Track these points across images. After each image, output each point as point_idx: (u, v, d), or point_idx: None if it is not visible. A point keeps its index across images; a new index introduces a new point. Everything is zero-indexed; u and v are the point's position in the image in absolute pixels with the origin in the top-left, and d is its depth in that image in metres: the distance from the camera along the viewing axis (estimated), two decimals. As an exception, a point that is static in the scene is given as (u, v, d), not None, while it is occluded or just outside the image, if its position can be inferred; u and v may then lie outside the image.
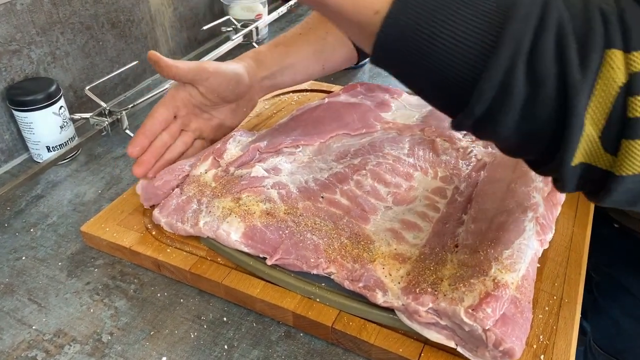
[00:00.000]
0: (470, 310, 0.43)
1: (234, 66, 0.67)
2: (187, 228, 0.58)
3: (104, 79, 0.87)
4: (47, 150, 0.78)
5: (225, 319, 0.55)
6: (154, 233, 0.61)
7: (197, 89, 0.65)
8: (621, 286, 0.76)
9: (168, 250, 0.59)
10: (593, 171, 0.34)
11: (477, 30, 0.33)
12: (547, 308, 0.51)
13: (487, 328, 0.43)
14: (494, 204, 0.55)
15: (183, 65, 0.63)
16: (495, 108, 0.34)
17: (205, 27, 1.06)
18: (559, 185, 0.38)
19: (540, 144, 0.35)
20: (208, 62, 0.66)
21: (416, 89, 0.38)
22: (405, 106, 0.77)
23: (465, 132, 0.67)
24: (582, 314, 0.52)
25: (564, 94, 0.32)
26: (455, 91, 0.35)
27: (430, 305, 0.46)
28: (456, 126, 0.37)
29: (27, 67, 0.79)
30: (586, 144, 0.33)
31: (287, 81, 0.73)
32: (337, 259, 0.52)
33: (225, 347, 0.52)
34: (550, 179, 0.58)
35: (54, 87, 0.75)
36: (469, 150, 0.66)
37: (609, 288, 0.79)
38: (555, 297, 0.52)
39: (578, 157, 0.34)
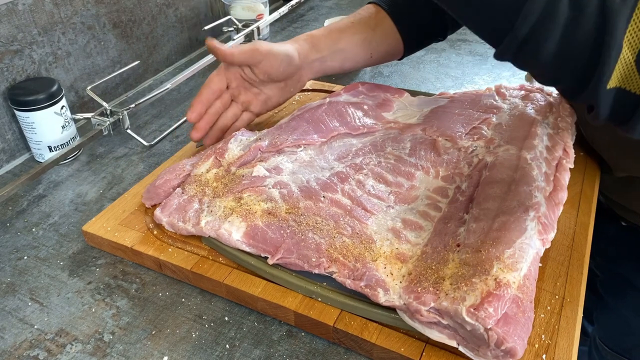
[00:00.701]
0: (472, 310, 0.43)
1: (287, 47, 0.71)
2: (188, 227, 0.58)
3: (105, 79, 0.87)
4: (48, 150, 0.78)
5: (226, 318, 0.55)
6: (155, 232, 0.61)
7: (251, 68, 0.70)
8: (629, 284, 0.76)
9: (169, 249, 0.59)
10: (627, 96, 0.37)
11: None
12: (549, 307, 0.51)
13: (489, 327, 0.43)
14: (495, 203, 0.55)
15: (238, 51, 0.69)
16: (539, 30, 0.37)
17: (206, 27, 1.06)
18: (594, 113, 0.40)
19: (578, 68, 0.38)
20: (261, 43, 0.70)
21: (464, 15, 0.42)
22: (407, 106, 0.77)
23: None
24: (585, 314, 0.52)
25: (604, 17, 0.35)
26: (502, 15, 0.38)
27: (432, 304, 0.46)
28: (499, 54, 0.40)
29: (28, 67, 0.79)
30: (622, 67, 0.36)
31: (335, 66, 0.77)
32: (339, 258, 0.52)
33: (227, 346, 0.52)
34: (552, 178, 0.59)
35: (55, 87, 0.75)
36: (471, 149, 0.66)
37: (616, 286, 0.79)
38: (557, 297, 0.52)
39: (613, 81, 0.36)
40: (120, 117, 0.81)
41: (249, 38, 1.08)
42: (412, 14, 0.77)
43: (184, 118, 0.88)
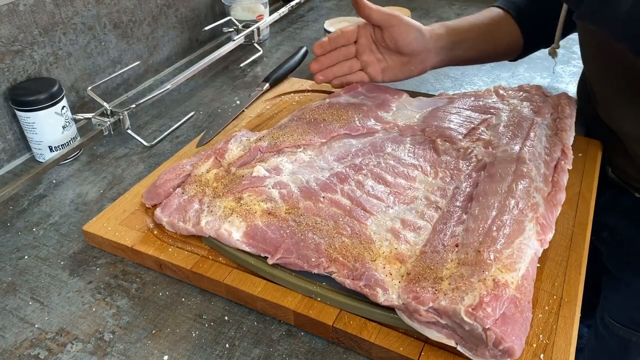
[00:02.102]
0: (470, 310, 0.44)
1: (420, 25, 0.76)
2: (188, 227, 0.59)
3: (106, 79, 0.87)
4: (49, 150, 0.78)
5: (226, 317, 0.55)
6: (155, 232, 0.61)
7: (382, 30, 0.75)
8: None
9: (170, 249, 0.59)
10: None
11: None
12: (547, 307, 0.51)
13: (487, 327, 0.43)
14: (494, 203, 0.55)
15: (377, 9, 0.74)
16: None
17: (206, 28, 1.06)
18: None
19: None
20: (399, 12, 0.75)
21: None
22: (406, 107, 0.77)
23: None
24: (591, 293, 0.52)
25: None
26: None
27: (431, 304, 0.46)
28: (579, 15, 0.44)
29: (29, 68, 0.79)
30: None
31: (461, 55, 0.80)
32: (338, 258, 0.53)
33: (227, 345, 0.52)
34: (550, 179, 0.59)
35: (56, 88, 0.76)
36: (470, 150, 0.66)
37: (627, 259, 0.79)
38: (555, 297, 0.52)
39: None
40: (121, 117, 0.81)
41: (249, 39, 1.09)
42: (534, 18, 0.81)
43: (184, 118, 0.88)
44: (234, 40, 1.04)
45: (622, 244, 0.79)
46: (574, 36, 0.78)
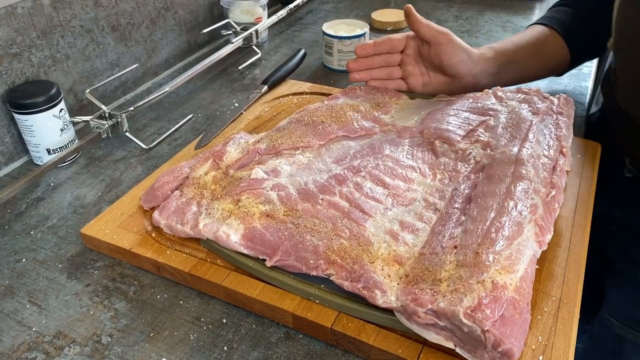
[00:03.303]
0: (469, 312, 0.44)
1: (469, 48, 0.75)
2: (186, 230, 0.59)
3: (104, 82, 0.87)
4: (47, 153, 0.78)
5: (224, 320, 0.55)
6: (153, 235, 0.61)
7: (429, 46, 0.75)
8: None
9: (168, 252, 0.59)
10: None
11: None
12: (545, 309, 0.51)
13: (485, 329, 0.43)
14: (492, 205, 0.55)
15: (427, 24, 0.74)
16: None
17: (205, 31, 1.07)
18: None
19: None
20: (448, 31, 0.75)
21: None
22: (405, 108, 0.77)
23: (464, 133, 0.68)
24: (593, 293, 0.52)
25: None
26: None
27: (429, 306, 0.46)
28: None
29: (27, 70, 0.79)
30: None
31: (507, 79, 0.79)
32: (337, 260, 0.52)
33: (225, 348, 0.52)
34: (549, 182, 0.59)
35: (54, 90, 0.76)
36: (468, 152, 0.66)
37: (636, 256, 0.79)
38: (554, 298, 0.52)
39: None
40: (119, 120, 0.81)
41: (247, 41, 1.09)
42: (580, 34, 0.80)
43: (183, 121, 0.88)
44: (232, 43, 1.04)
45: (631, 236, 0.79)
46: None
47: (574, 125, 0.71)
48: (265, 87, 0.92)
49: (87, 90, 0.81)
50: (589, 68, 0.99)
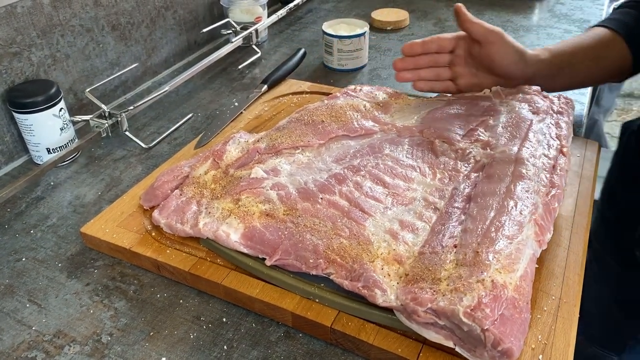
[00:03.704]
0: (469, 311, 0.44)
1: (523, 48, 0.71)
2: (186, 229, 0.59)
3: (104, 82, 0.87)
4: (47, 152, 0.78)
5: (224, 319, 0.55)
6: (153, 234, 0.61)
7: (480, 45, 0.71)
8: None
9: (168, 251, 0.59)
10: None
11: None
12: (545, 308, 0.51)
13: (485, 328, 0.43)
14: (492, 204, 0.55)
15: (478, 22, 0.71)
16: None
17: (204, 30, 1.06)
18: None
19: None
20: (500, 30, 0.71)
21: None
22: (404, 108, 0.77)
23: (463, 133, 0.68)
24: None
25: None
26: None
27: (429, 305, 0.46)
28: None
29: (27, 70, 0.79)
30: None
31: (564, 83, 0.75)
32: (336, 259, 0.52)
33: (225, 347, 0.52)
34: (548, 182, 0.59)
35: (54, 90, 0.76)
36: (468, 151, 0.66)
37: None
38: (553, 298, 0.52)
39: None
40: (119, 119, 0.81)
41: (247, 41, 1.09)
42: None
43: (183, 120, 0.88)
44: (232, 42, 1.04)
45: None
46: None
47: (573, 124, 0.71)
48: (265, 86, 0.92)
49: (87, 90, 0.81)
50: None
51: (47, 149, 0.78)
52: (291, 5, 1.24)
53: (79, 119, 0.81)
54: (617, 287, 0.90)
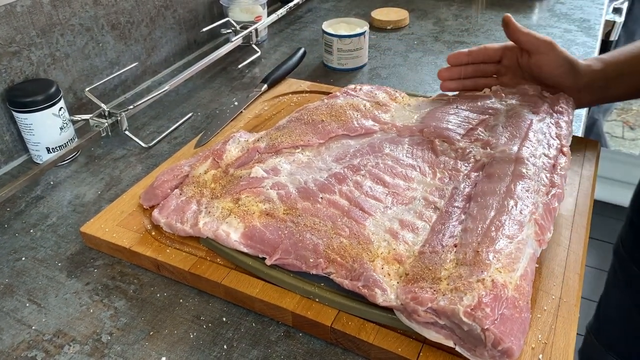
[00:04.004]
0: (469, 310, 0.44)
1: (574, 58, 0.68)
2: (186, 228, 0.59)
3: (103, 81, 0.87)
4: (47, 152, 0.78)
5: (224, 319, 0.55)
6: (153, 234, 0.61)
7: (529, 55, 0.70)
8: None
9: (167, 250, 0.59)
10: None
11: None
12: (545, 308, 0.51)
13: (486, 328, 0.43)
14: (492, 204, 0.55)
15: (527, 32, 0.69)
16: None
17: (204, 29, 1.06)
18: None
19: None
20: (550, 39, 0.69)
21: None
22: (404, 107, 0.77)
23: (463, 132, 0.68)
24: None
25: None
26: None
27: (429, 304, 0.46)
28: None
29: (27, 69, 0.79)
30: None
31: (618, 94, 0.72)
32: (336, 259, 0.52)
33: (225, 347, 0.52)
34: (548, 181, 0.59)
35: (53, 89, 0.76)
36: (468, 151, 0.66)
37: None
38: (553, 297, 0.52)
39: None
40: (119, 118, 0.81)
41: (247, 40, 1.09)
42: None
43: (182, 119, 0.88)
44: (232, 42, 1.04)
45: None
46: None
47: (573, 124, 0.71)
48: (265, 85, 0.92)
49: (87, 89, 0.81)
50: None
51: (46, 148, 0.78)
52: (291, 4, 1.23)
53: (79, 118, 0.81)
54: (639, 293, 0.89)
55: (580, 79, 0.69)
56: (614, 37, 1.49)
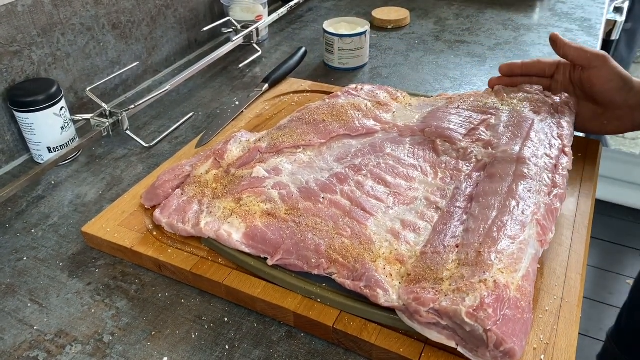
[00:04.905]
0: (471, 311, 0.44)
1: (629, 75, 0.66)
2: (188, 229, 0.59)
3: (104, 80, 0.87)
4: (48, 151, 0.78)
5: (226, 319, 0.55)
6: (155, 233, 0.61)
7: (582, 70, 0.68)
8: None
9: (169, 250, 0.59)
10: None
11: None
12: (547, 308, 0.51)
13: (488, 328, 0.43)
14: (494, 204, 0.55)
15: (576, 47, 0.68)
16: None
17: (205, 29, 1.06)
18: None
19: None
20: (604, 53, 0.67)
21: None
22: (406, 107, 0.77)
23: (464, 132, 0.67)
24: None
25: None
26: None
27: (431, 305, 0.46)
28: None
29: (28, 68, 0.79)
30: None
31: None
32: (338, 259, 0.52)
33: (227, 347, 0.52)
34: (550, 181, 0.59)
35: (54, 88, 0.75)
36: (469, 150, 0.66)
37: None
38: (555, 298, 0.52)
39: None
40: (120, 118, 0.81)
41: (248, 39, 1.09)
42: None
43: (184, 119, 0.88)
44: (232, 41, 1.04)
45: None
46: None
47: (574, 123, 0.71)
48: (266, 85, 0.91)
49: (88, 89, 0.81)
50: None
51: (47, 148, 0.78)
52: (292, 3, 1.23)
53: (80, 118, 0.80)
54: None
55: (633, 96, 0.66)
56: (615, 36, 1.49)
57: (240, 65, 1.04)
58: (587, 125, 0.71)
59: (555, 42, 0.70)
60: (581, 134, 0.77)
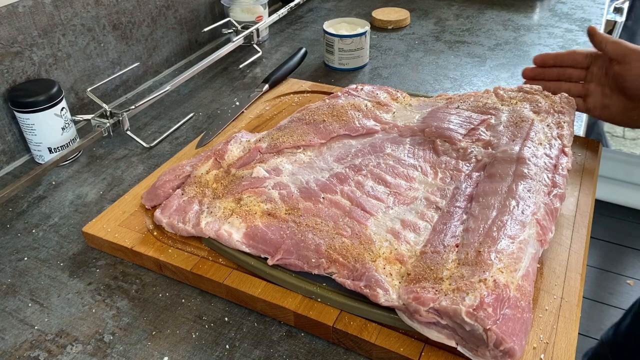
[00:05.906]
0: (471, 310, 0.44)
1: None
2: (188, 229, 0.59)
3: (105, 81, 0.87)
4: (48, 152, 0.78)
5: (226, 319, 0.55)
6: (155, 234, 0.61)
7: (617, 64, 0.68)
8: None
9: (169, 250, 0.59)
10: None
11: None
12: (547, 308, 0.51)
13: (488, 328, 0.43)
14: (494, 204, 0.55)
15: (613, 41, 0.68)
16: None
17: (205, 29, 1.07)
18: None
19: None
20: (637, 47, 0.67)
21: None
22: (406, 107, 0.77)
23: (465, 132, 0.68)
24: None
25: None
26: None
27: (431, 304, 0.46)
28: None
29: (28, 69, 0.79)
30: None
31: None
32: (338, 259, 0.52)
33: (227, 347, 0.52)
34: (550, 181, 0.59)
35: (55, 89, 0.76)
36: (469, 150, 0.66)
37: None
38: (555, 297, 0.52)
39: None
40: (120, 118, 0.81)
41: (248, 40, 1.09)
42: None
43: (184, 119, 0.88)
44: (233, 42, 1.04)
45: None
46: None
47: (574, 123, 0.71)
48: (266, 85, 0.92)
49: (89, 89, 0.81)
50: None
51: (48, 148, 0.78)
52: (292, 4, 1.23)
53: (81, 119, 0.81)
54: None
55: None
56: (614, 37, 1.49)
57: (241, 66, 1.04)
58: (616, 118, 0.71)
59: (593, 35, 0.70)
60: (581, 134, 0.77)
